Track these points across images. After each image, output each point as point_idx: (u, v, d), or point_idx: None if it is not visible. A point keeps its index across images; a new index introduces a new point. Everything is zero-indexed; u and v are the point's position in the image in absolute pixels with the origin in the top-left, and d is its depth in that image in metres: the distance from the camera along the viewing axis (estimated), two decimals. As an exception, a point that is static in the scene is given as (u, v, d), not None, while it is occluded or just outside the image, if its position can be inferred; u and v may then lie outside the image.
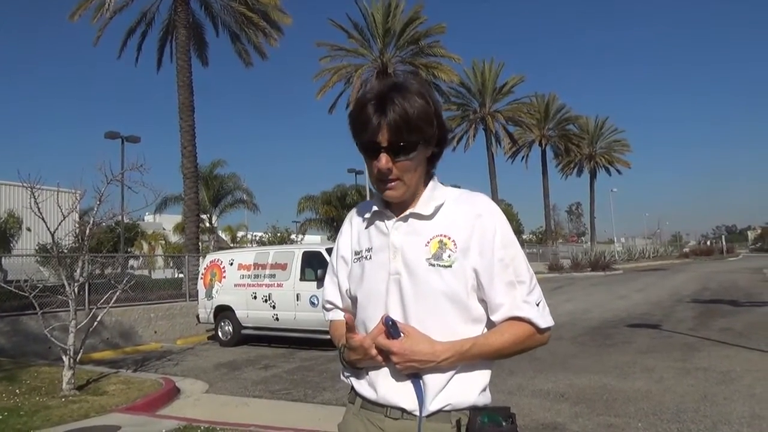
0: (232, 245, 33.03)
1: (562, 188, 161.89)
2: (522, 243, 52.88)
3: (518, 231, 66.44)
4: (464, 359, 1.24)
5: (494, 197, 36.79)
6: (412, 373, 1.24)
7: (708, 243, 69.73)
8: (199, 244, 19.02)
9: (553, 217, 61.51)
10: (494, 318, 1.30)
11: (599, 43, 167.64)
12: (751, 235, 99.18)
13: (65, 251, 9.90)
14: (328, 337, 1.46)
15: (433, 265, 1.27)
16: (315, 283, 9.55)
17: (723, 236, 69.62)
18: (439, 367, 1.23)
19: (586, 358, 7.89)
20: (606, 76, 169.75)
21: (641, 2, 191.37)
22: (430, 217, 1.33)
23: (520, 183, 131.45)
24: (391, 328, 1.23)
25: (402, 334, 1.23)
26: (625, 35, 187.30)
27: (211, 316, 11.43)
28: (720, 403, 5.35)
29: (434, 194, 1.35)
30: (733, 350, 7.83)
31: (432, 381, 1.25)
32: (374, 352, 1.25)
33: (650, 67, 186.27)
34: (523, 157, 45.19)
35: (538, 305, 1.30)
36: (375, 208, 1.39)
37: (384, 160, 1.26)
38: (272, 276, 10.59)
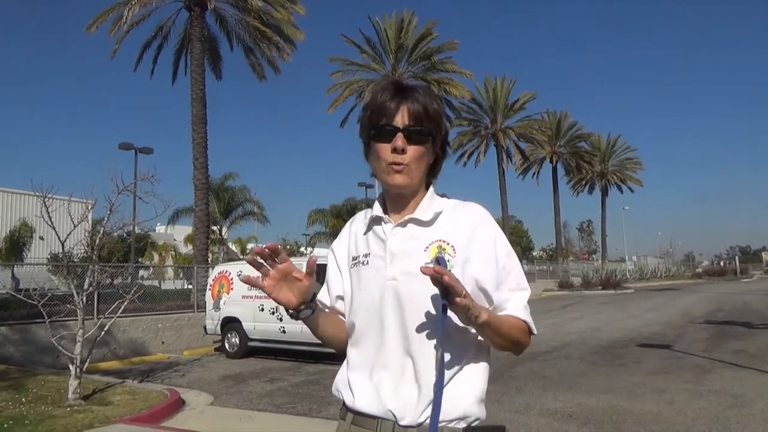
0: (241, 257, 33.15)
1: (573, 205, 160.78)
2: (532, 260, 52.58)
3: (528, 248, 66.12)
4: (493, 317, 1.20)
5: (504, 213, 36.73)
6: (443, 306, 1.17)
7: (721, 263, 68.75)
8: (209, 255, 19.10)
9: (564, 234, 61.23)
10: None
11: (612, 61, 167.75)
12: (765, 256, 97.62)
13: (76, 260, 9.96)
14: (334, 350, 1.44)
15: None
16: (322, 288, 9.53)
17: (737, 257, 68.62)
18: (480, 318, 1.15)
19: (595, 378, 7.78)
20: (619, 94, 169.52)
21: (655, 21, 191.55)
22: (429, 224, 1.34)
23: (531, 199, 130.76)
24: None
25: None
26: (639, 53, 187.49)
27: (218, 327, 11.42)
28: (732, 428, 5.24)
29: (432, 203, 1.37)
30: (746, 373, 7.68)
31: (427, 386, 1.22)
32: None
33: (664, 86, 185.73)
34: (534, 174, 45.23)
35: (529, 313, 1.33)
36: (374, 213, 1.39)
37: (400, 139, 1.29)
38: (280, 288, 10.57)
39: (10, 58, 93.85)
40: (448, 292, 1.13)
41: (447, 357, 1.24)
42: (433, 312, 1.24)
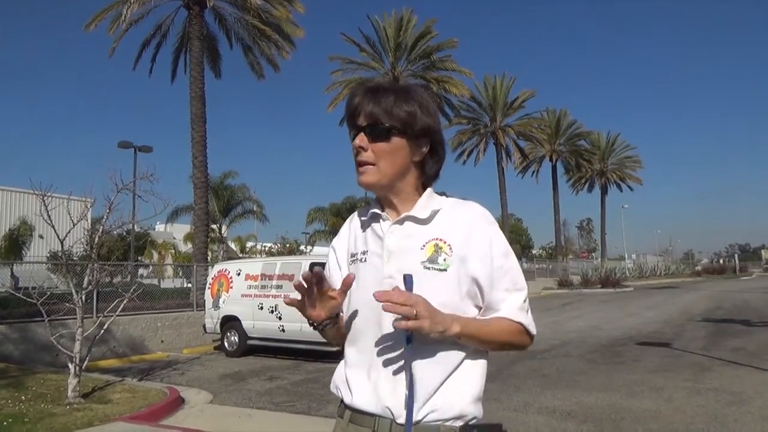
0: (241, 255, 33.15)
1: (572, 204, 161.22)
2: (532, 258, 52.52)
3: (528, 246, 66.16)
4: (469, 328, 1.22)
5: (504, 212, 36.71)
6: (408, 336, 1.21)
7: (721, 261, 68.81)
8: (208, 253, 19.09)
9: (564, 232, 61.28)
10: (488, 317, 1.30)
11: (612, 60, 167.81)
12: (764, 254, 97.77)
13: (75, 259, 9.97)
14: (335, 349, 1.44)
15: (428, 268, 1.27)
16: None
17: (736, 255, 68.50)
18: (449, 332, 1.18)
19: (594, 376, 7.79)
20: (618, 92, 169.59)
21: (654, 20, 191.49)
22: (426, 222, 1.34)
23: (531, 198, 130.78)
24: (408, 287, 1.20)
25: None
26: (638, 52, 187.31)
27: (218, 326, 11.43)
28: (731, 425, 5.25)
29: (430, 201, 1.37)
30: (745, 371, 7.69)
31: (422, 385, 1.23)
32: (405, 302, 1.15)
33: (663, 84, 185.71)
34: (533, 172, 45.26)
35: (528, 313, 1.32)
36: (373, 211, 1.40)
37: (359, 138, 1.31)
38: (279, 287, 10.58)
39: (10, 57, 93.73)
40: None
41: (444, 357, 1.24)
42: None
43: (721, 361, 8.44)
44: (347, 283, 1.25)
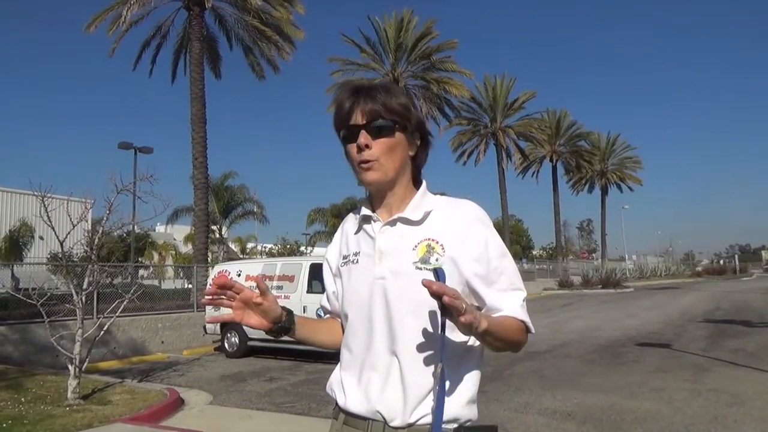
0: (241, 256, 33.17)
1: (573, 204, 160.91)
2: (532, 259, 52.41)
3: (528, 246, 66.18)
4: (492, 324, 1.16)
5: (504, 212, 36.69)
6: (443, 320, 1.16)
7: (721, 262, 68.79)
8: (209, 254, 19.10)
9: (564, 233, 61.20)
10: None
11: (611, 53, 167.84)
12: (765, 254, 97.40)
13: (75, 260, 9.97)
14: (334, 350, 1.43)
15: (420, 269, 1.26)
16: (322, 295, 9.55)
17: (736, 255, 68.57)
18: (480, 328, 1.11)
19: (594, 377, 7.78)
20: (619, 90, 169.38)
21: (655, 17, 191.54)
22: (418, 223, 1.32)
23: (531, 198, 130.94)
24: (441, 281, 1.17)
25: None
26: (639, 49, 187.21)
27: (218, 327, 11.42)
28: (730, 426, 5.25)
29: (423, 201, 1.36)
30: (744, 371, 7.69)
31: (414, 388, 1.22)
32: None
33: (663, 81, 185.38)
34: (533, 173, 45.23)
35: (526, 312, 1.31)
36: (364, 212, 1.39)
37: (362, 137, 1.29)
38: (279, 288, 10.57)
39: (9, 57, 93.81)
40: (447, 310, 1.09)
41: (436, 360, 1.23)
42: (419, 309, 1.24)
43: (721, 362, 8.44)
44: (260, 285, 1.27)
